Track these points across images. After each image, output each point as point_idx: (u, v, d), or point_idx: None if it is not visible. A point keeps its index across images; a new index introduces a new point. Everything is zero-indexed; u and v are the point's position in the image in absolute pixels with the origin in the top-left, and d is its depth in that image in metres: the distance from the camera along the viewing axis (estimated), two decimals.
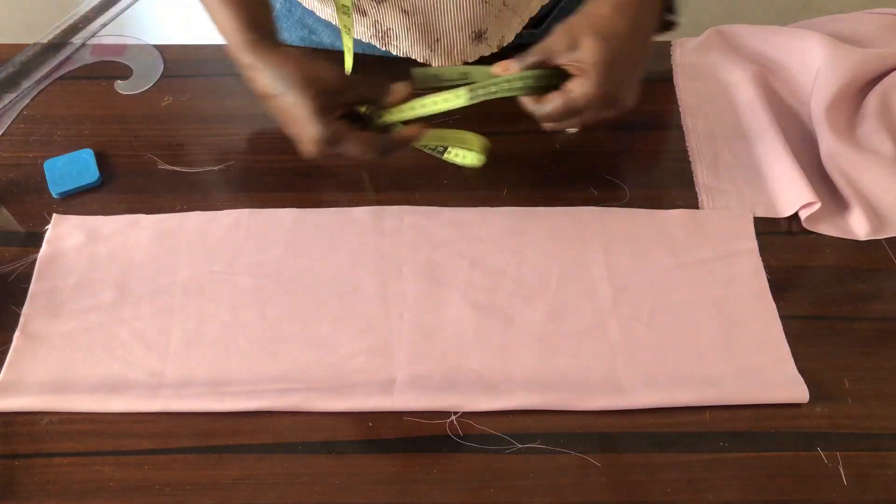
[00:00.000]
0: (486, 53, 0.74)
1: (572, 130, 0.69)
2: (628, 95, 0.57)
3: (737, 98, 0.74)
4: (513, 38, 0.75)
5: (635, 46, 0.57)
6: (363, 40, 0.74)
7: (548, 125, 0.59)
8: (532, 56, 0.57)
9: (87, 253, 0.62)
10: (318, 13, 0.75)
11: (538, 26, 0.80)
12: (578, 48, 0.55)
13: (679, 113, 0.73)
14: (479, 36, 0.72)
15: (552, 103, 0.57)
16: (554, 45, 0.56)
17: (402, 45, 0.73)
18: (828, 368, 0.58)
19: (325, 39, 0.78)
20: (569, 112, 0.57)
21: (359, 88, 0.58)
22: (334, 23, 0.74)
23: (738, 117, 0.73)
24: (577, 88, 0.55)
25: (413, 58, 0.74)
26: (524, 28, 0.77)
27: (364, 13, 0.71)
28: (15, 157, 0.69)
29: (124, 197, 0.66)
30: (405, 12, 0.69)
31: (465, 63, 0.74)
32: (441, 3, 0.68)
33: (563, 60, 0.56)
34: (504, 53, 0.76)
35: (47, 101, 0.73)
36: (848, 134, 0.68)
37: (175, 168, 0.68)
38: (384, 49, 0.74)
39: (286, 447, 0.54)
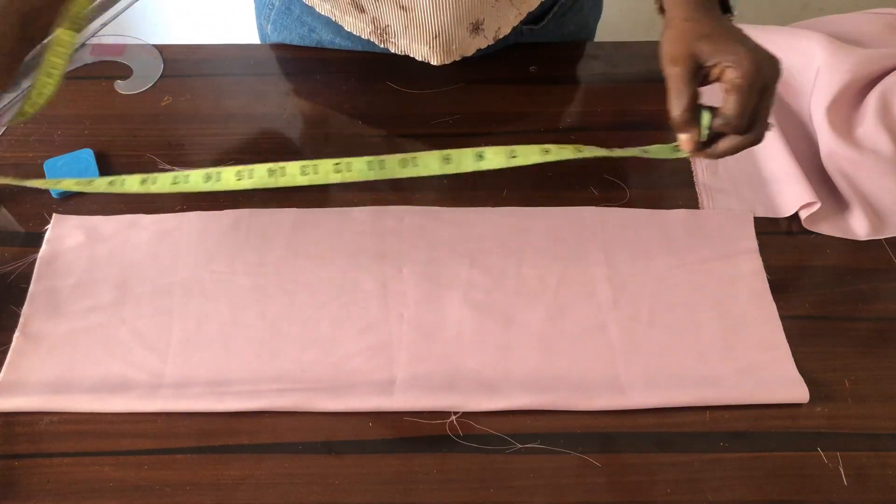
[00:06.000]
0: (483, 46, 0.74)
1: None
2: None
3: None
4: (509, 30, 0.75)
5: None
6: (362, 36, 0.74)
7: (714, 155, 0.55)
8: (684, 96, 0.51)
9: (87, 253, 0.62)
10: (317, 9, 0.75)
11: (538, 22, 0.79)
12: (725, 56, 0.51)
13: None
14: (476, 28, 0.71)
15: (728, 141, 0.53)
16: (689, 66, 0.51)
17: (401, 43, 0.72)
18: (828, 368, 0.58)
19: (325, 37, 0.78)
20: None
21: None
22: (334, 19, 0.74)
23: None
24: (732, 106, 0.51)
25: (412, 56, 0.73)
26: (523, 24, 0.76)
27: (362, 10, 0.71)
28: (15, 157, 0.69)
29: (124, 197, 0.66)
30: (403, 8, 0.69)
31: (463, 57, 0.74)
32: None
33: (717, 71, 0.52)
34: (499, 46, 0.75)
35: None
36: (848, 134, 0.68)
37: (175, 168, 0.68)
38: (382, 46, 0.74)
39: (286, 447, 0.54)
